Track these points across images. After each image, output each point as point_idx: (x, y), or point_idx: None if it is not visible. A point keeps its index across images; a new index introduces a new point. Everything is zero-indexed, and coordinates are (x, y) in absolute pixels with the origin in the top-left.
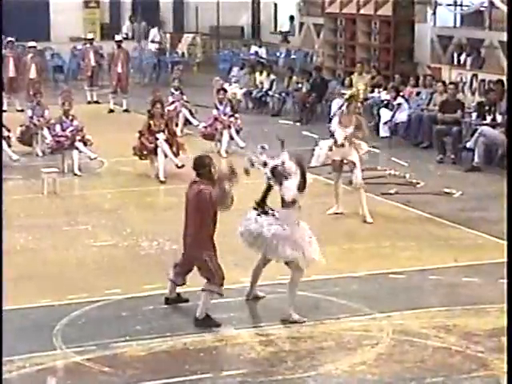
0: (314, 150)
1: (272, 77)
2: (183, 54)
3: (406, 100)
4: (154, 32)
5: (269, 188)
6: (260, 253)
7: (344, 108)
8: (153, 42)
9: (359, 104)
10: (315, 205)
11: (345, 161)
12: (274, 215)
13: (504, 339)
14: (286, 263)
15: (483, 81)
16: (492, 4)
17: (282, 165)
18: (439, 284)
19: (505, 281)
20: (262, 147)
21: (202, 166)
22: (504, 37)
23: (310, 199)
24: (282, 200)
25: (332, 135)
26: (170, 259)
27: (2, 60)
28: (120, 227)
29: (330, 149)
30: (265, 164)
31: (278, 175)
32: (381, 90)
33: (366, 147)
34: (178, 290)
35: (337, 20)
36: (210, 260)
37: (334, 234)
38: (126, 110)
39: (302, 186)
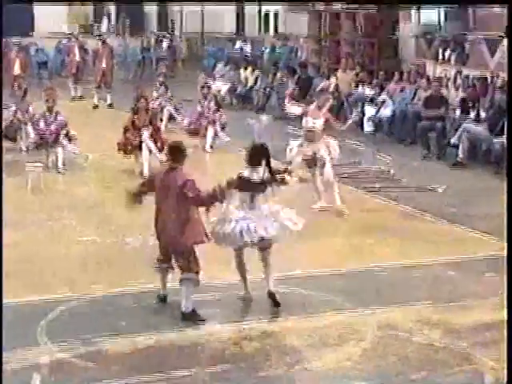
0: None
1: (257, 72)
2: (168, 49)
3: (391, 96)
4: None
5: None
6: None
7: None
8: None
9: (331, 99)
10: (298, 199)
11: (317, 155)
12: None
13: (488, 334)
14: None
15: (467, 77)
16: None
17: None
18: (423, 279)
19: (489, 276)
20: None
21: (180, 151)
22: (488, 33)
23: (294, 194)
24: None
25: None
26: (155, 254)
27: (1, 58)
28: (105, 223)
29: (301, 145)
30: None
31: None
32: (365, 85)
33: (337, 152)
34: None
35: (321, 15)
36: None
37: (317, 229)
38: (110, 105)
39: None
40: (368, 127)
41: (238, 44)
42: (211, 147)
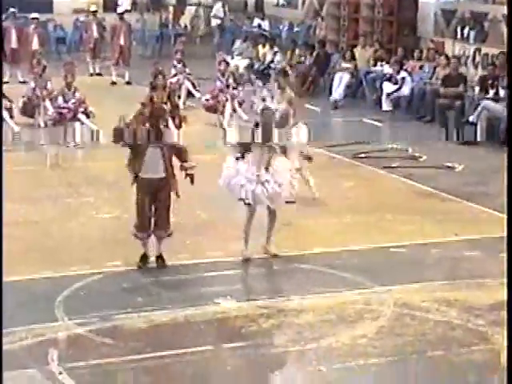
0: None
1: (275, 49)
2: (186, 26)
3: (409, 74)
4: (217, 7)
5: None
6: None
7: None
8: (215, 16)
9: (291, 79)
10: (317, 178)
11: None
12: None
13: (504, 313)
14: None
15: (486, 55)
16: None
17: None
18: (440, 258)
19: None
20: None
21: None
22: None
23: (313, 172)
24: None
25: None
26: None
27: (1, 32)
28: (122, 199)
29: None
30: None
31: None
32: (383, 63)
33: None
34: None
35: None
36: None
37: (335, 207)
38: (128, 82)
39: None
40: (386, 105)
41: (256, 21)
42: (229, 124)
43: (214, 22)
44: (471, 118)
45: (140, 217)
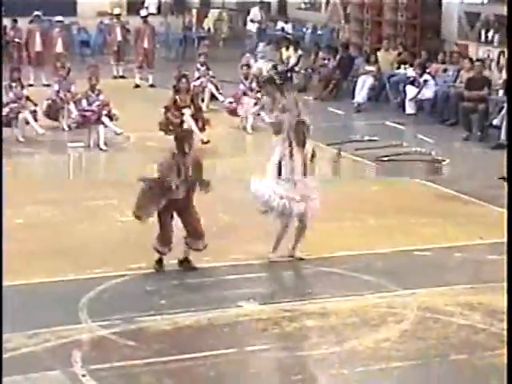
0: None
1: (299, 52)
2: (209, 29)
3: (433, 77)
4: (254, 11)
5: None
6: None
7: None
8: (252, 21)
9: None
10: (339, 181)
11: None
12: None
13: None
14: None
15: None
16: None
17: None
18: (464, 261)
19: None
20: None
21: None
22: None
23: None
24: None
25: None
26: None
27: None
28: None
29: None
30: None
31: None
32: (407, 66)
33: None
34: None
35: None
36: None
37: (359, 209)
38: (151, 85)
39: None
40: (410, 108)
41: (280, 24)
42: (252, 128)
43: (252, 27)
44: (495, 122)
45: (163, 230)
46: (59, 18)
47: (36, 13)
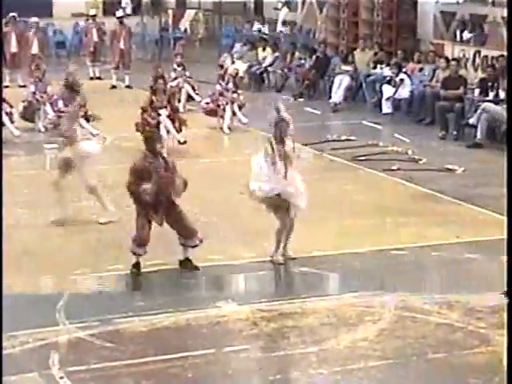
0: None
1: (276, 54)
2: (186, 29)
3: (409, 76)
4: (284, 12)
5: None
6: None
7: None
8: (284, 23)
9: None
10: (317, 181)
11: None
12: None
13: (505, 315)
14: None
15: (486, 57)
16: None
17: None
18: (441, 260)
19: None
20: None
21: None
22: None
23: (313, 174)
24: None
25: None
26: (173, 234)
27: (1, 37)
28: (122, 203)
29: None
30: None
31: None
32: (383, 66)
33: None
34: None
35: None
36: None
37: (336, 209)
38: (128, 86)
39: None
40: (386, 108)
41: (256, 24)
42: (229, 128)
43: (283, 29)
44: (471, 121)
45: (138, 231)
46: (35, 19)
47: (11, 14)
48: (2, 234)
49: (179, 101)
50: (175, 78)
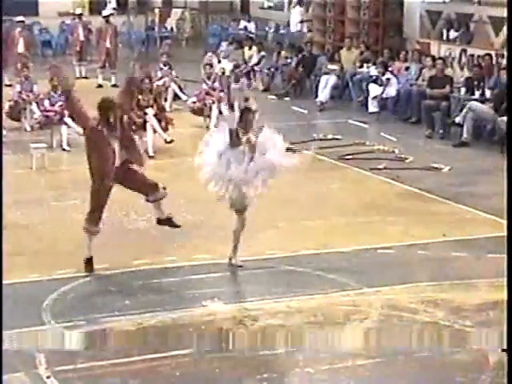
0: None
1: (262, 53)
2: (172, 28)
3: (395, 75)
4: (298, 10)
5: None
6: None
7: None
8: (302, 21)
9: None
10: (303, 180)
11: None
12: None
13: (492, 314)
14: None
15: (472, 56)
16: None
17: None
18: (428, 259)
19: (493, 256)
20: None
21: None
22: (493, 12)
23: (299, 173)
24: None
25: None
26: (159, 233)
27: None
28: (108, 202)
29: None
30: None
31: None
32: (370, 65)
33: None
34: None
35: None
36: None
37: (322, 208)
38: (114, 85)
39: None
40: (373, 107)
41: (243, 23)
42: (215, 127)
43: (297, 27)
44: (457, 119)
45: (98, 208)
46: (20, 18)
47: None
48: (2, 234)
49: (166, 100)
50: (161, 77)
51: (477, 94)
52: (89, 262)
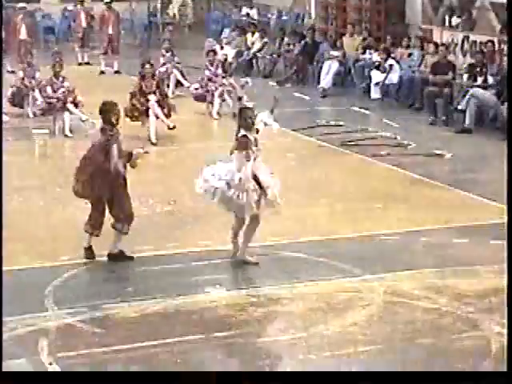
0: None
1: (265, 39)
2: (174, 15)
3: (398, 61)
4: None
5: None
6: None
7: None
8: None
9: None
10: (305, 166)
11: None
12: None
13: (494, 300)
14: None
15: (474, 42)
16: None
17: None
18: (430, 245)
19: (495, 242)
20: (246, 82)
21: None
22: None
23: (302, 160)
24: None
25: None
26: (162, 220)
27: (1, 25)
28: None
29: None
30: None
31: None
32: (372, 51)
33: None
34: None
35: None
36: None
37: (325, 194)
38: (117, 72)
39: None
40: (375, 93)
41: (245, 10)
42: (218, 113)
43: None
44: (460, 106)
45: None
46: (22, 4)
47: None
48: (2, 230)
49: (168, 86)
50: (164, 64)
51: (479, 80)
52: (89, 248)
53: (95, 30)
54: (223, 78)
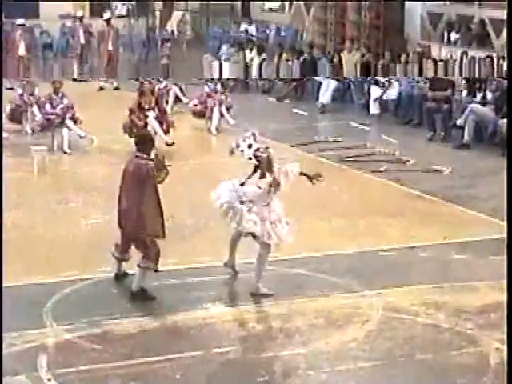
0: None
1: (263, 56)
2: (173, 31)
3: (396, 78)
4: None
5: (255, 169)
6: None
7: None
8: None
9: None
10: (304, 181)
11: None
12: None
13: (493, 316)
14: (254, 237)
15: (473, 58)
16: None
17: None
18: (429, 261)
19: (494, 258)
20: (253, 134)
21: (143, 141)
22: (494, 13)
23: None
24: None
25: None
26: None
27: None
28: (110, 205)
29: None
30: (249, 146)
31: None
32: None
33: None
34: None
35: None
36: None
37: (323, 210)
38: (116, 88)
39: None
40: (374, 109)
41: (243, 26)
42: (217, 129)
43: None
44: (459, 122)
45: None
46: (21, 20)
47: None
48: (2, 234)
49: (167, 102)
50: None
51: (478, 96)
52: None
53: (94, 47)
54: (222, 93)
